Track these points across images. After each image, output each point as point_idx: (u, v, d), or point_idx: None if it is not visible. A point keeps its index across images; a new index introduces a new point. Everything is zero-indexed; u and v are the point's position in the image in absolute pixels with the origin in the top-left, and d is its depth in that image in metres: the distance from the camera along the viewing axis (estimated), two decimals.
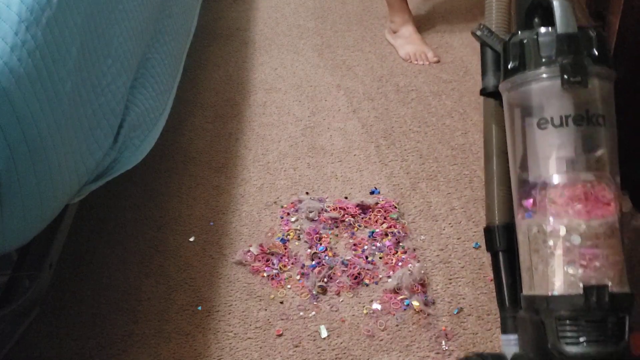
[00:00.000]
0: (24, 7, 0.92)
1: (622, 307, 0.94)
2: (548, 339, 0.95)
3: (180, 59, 1.58)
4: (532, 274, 1.00)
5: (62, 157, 0.97)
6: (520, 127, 1.02)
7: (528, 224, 1.00)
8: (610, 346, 0.93)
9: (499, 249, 1.10)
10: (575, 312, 0.94)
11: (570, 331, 0.94)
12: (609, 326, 0.94)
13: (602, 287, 0.94)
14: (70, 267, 1.36)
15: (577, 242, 0.97)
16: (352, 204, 1.47)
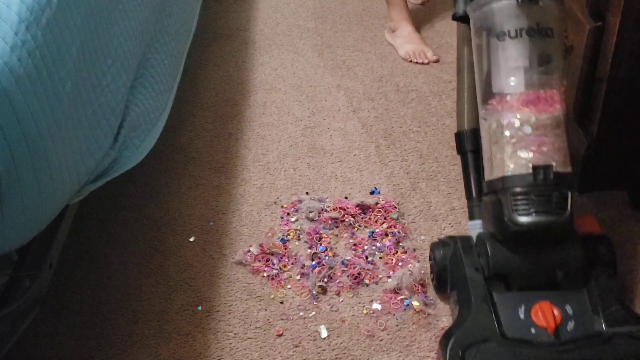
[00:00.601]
0: (24, 7, 0.92)
1: (565, 183, 1.13)
2: (505, 213, 1.13)
3: (180, 59, 1.58)
4: (492, 162, 1.19)
5: (62, 157, 0.97)
6: (485, 44, 1.20)
7: (489, 121, 1.20)
8: (555, 216, 1.11)
9: (467, 150, 1.31)
10: (526, 187, 1.12)
11: (522, 204, 1.12)
12: (554, 199, 1.12)
13: (548, 167, 1.12)
14: (70, 267, 1.36)
15: (528, 132, 1.15)
16: (352, 204, 1.47)
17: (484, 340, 1.06)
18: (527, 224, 1.11)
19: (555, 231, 1.12)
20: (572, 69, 1.46)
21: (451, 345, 1.07)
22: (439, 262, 1.23)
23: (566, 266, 1.13)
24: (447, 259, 1.22)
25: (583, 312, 1.10)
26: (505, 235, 1.14)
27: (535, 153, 1.14)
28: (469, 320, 1.10)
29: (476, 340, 1.06)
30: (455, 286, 1.19)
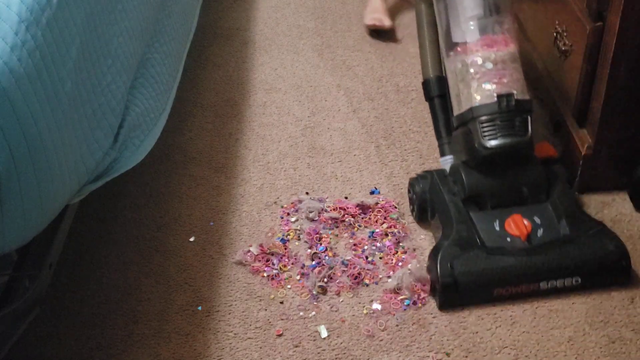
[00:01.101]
0: (24, 7, 0.92)
1: (524, 109, 1.31)
2: (474, 140, 1.31)
3: (180, 59, 1.57)
4: (459, 98, 1.36)
5: (62, 157, 0.97)
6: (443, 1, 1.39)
7: (454, 63, 1.37)
8: (518, 137, 1.30)
9: (434, 95, 1.48)
10: (492, 114, 1.30)
11: (489, 130, 1.30)
12: (517, 123, 1.30)
13: (510, 95, 1.30)
14: (70, 267, 1.36)
15: (490, 67, 1.33)
16: (352, 204, 1.47)
17: (468, 251, 1.25)
18: (495, 147, 1.29)
19: (520, 151, 1.32)
20: (572, 69, 1.46)
21: (440, 257, 1.25)
22: (420, 194, 1.38)
23: (531, 183, 1.32)
24: (427, 190, 1.37)
25: (549, 221, 1.29)
26: (477, 160, 1.32)
27: (498, 84, 1.32)
28: (452, 236, 1.28)
29: (461, 252, 1.25)
30: (437, 211, 1.35)
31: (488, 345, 1.20)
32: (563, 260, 1.25)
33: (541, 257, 1.24)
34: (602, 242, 1.27)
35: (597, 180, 1.48)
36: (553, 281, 1.25)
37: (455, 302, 1.25)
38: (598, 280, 1.27)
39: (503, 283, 1.24)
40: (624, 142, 1.44)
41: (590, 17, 1.38)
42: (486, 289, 1.24)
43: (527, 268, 1.24)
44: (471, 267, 1.23)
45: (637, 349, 1.19)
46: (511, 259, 1.24)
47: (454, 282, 1.23)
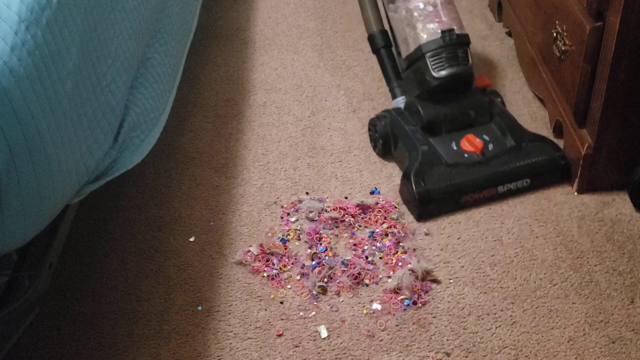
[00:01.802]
0: (24, 7, 0.92)
1: (464, 42, 1.55)
2: (425, 73, 1.53)
3: (180, 59, 1.57)
4: (407, 41, 1.57)
5: (62, 157, 0.97)
6: None
7: (399, 12, 1.58)
8: (462, 67, 1.54)
9: (380, 47, 1.67)
10: (439, 48, 1.52)
11: (437, 62, 1.52)
12: (459, 55, 1.53)
13: (451, 30, 1.53)
14: (70, 267, 1.36)
15: (430, 10, 1.54)
16: (352, 204, 1.47)
17: (435, 167, 1.45)
18: (444, 76, 1.52)
19: (464, 79, 1.55)
20: (572, 69, 1.47)
21: (413, 175, 1.44)
22: (382, 131, 1.57)
23: (476, 108, 1.55)
24: (388, 127, 1.56)
25: (496, 137, 1.52)
26: (429, 91, 1.54)
27: (440, 23, 1.53)
28: (419, 158, 1.47)
29: (429, 168, 1.45)
30: (400, 141, 1.54)
31: (488, 345, 1.20)
32: (514, 166, 1.47)
33: (496, 165, 1.46)
34: (544, 148, 1.51)
35: (597, 180, 1.48)
36: (508, 184, 1.47)
37: (430, 212, 1.43)
38: (543, 180, 1.50)
39: (468, 190, 1.44)
40: (624, 142, 1.44)
41: (590, 17, 1.38)
42: (455, 197, 1.44)
43: (485, 176, 1.45)
44: (440, 180, 1.43)
45: (637, 349, 1.19)
46: (472, 170, 1.45)
47: (428, 194, 1.42)
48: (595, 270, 1.33)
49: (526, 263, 1.35)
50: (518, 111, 1.74)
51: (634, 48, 1.32)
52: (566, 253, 1.37)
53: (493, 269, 1.34)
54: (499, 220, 1.44)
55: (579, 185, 1.49)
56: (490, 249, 1.38)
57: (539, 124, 1.69)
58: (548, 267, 1.34)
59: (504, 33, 2.03)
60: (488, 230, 1.42)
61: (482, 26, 2.08)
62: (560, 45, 1.51)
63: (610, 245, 1.38)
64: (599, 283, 1.31)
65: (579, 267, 1.34)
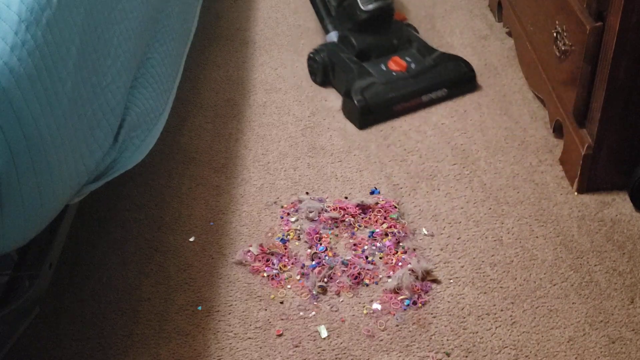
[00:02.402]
0: (24, 7, 0.92)
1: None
2: (355, 8, 1.83)
3: (180, 59, 1.57)
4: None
5: (62, 157, 0.97)
6: None
7: None
8: (385, 2, 1.84)
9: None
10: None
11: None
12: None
13: None
14: (70, 267, 1.36)
15: None
16: (352, 204, 1.47)
17: (370, 84, 1.73)
18: (371, 10, 1.83)
19: (387, 12, 1.86)
20: (572, 69, 1.46)
21: (354, 92, 1.71)
22: (322, 61, 1.82)
23: (398, 36, 1.87)
24: (326, 57, 1.82)
25: (417, 59, 1.81)
26: (359, 24, 1.85)
27: None
28: (356, 79, 1.74)
29: (365, 85, 1.72)
30: (338, 68, 1.80)
31: (488, 345, 1.20)
32: (434, 79, 1.77)
33: (419, 80, 1.76)
34: (456, 64, 1.82)
35: (597, 180, 1.48)
36: (430, 94, 1.76)
37: (369, 121, 1.70)
38: (457, 90, 1.80)
39: (398, 101, 1.73)
40: (624, 142, 1.44)
41: (590, 17, 1.38)
42: (388, 107, 1.72)
43: (412, 89, 1.75)
44: (376, 94, 1.71)
45: (637, 349, 1.19)
46: (400, 84, 1.74)
47: (367, 105, 1.69)
48: (595, 270, 1.33)
49: (526, 263, 1.35)
50: (518, 111, 1.74)
51: (634, 48, 1.32)
52: (566, 253, 1.37)
53: (493, 269, 1.34)
54: (499, 220, 1.44)
55: (579, 185, 1.49)
56: (490, 249, 1.38)
57: (539, 124, 1.69)
58: (548, 267, 1.34)
59: (504, 33, 2.03)
60: (488, 230, 1.42)
61: (482, 26, 2.08)
62: (560, 45, 1.51)
63: (610, 245, 1.38)
64: (599, 283, 1.31)
65: (579, 267, 1.34)
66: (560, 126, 1.57)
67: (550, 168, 1.57)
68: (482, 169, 1.57)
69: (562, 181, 1.53)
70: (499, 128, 1.69)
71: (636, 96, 1.38)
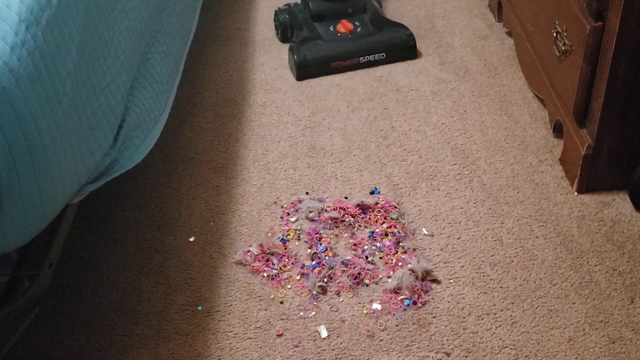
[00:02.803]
0: (24, 7, 0.92)
1: None
2: None
3: (180, 59, 1.57)
4: None
5: (62, 157, 0.97)
6: None
7: None
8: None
9: None
10: None
11: None
12: None
13: None
14: (70, 267, 1.36)
15: None
16: (352, 204, 1.47)
17: (312, 42, 1.90)
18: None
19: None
20: (572, 69, 1.46)
21: (295, 47, 1.88)
22: (282, 20, 2.02)
23: (353, 4, 2.01)
24: (287, 17, 2.01)
25: (365, 24, 1.97)
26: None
27: None
28: (302, 34, 1.92)
29: (308, 42, 1.89)
30: (293, 27, 1.99)
31: (488, 345, 1.20)
32: (373, 42, 1.91)
33: (359, 42, 1.91)
34: (398, 31, 1.94)
35: (597, 180, 1.48)
36: (367, 56, 1.91)
37: (307, 74, 1.88)
38: (395, 56, 1.93)
39: (335, 59, 1.88)
40: (624, 142, 1.44)
41: (590, 17, 1.38)
42: (326, 63, 1.88)
43: (350, 49, 1.90)
44: (315, 50, 1.88)
45: (637, 349, 1.19)
46: (340, 44, 1.90)
47: (305, 60, 1.86)
48: (595, 270, 1.33)
49: (526, 263, 1.35)
50: (518, 111, 1.74)
51: (634, 48, 1.32)
52: (566, 253, 1.37)
53: (493, 269, 1.34)
54: (499, 220, 1.44)
55: (579, 185, 1.49)
56: (490, 249, 1.38)
57: (539, 124, 1.69)
58: (548, 267, 1.34)
59: (504, 33, 2.03)
60: (488, 230, 1.42)
61: (482, 26, 2.08)
62: (560, 45, 1.51)
63: (610, 245, 1.38)
64: (599, 283, 1.31)
65: (579, 267, 1.34)
66: (560, 126, 1.57)
67: (550, 168, 1.57)
68: (482, 169, 1.57)
69: (562, 181, 1.53)
70: (499, 128, 1.69)
71: (636, 96, 1.38)
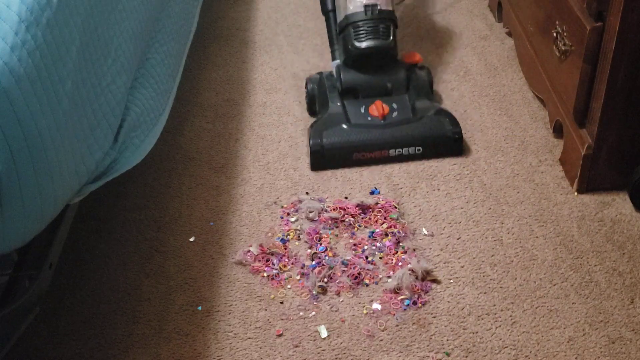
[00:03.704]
0: (24, 7, 0.92)
1: (387, 18, 1.65)
2: (349, 42, 1.65)
3: (180, 59, 1.58)
4: (340, 10, 1.70)
5: (62, 157, 0.97)
6: None
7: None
8: (381, 41, 1.64)
9: (329, 10, 1.77)
10: (361, 21, 1.64)
11: (359, 33, 1.64)
12: (380, 29, 1.63)
13: (375, 5, 1.64)
14: (70, 267, 1.36)
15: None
16: (352, 204, 1.47)
17: (336, 125, 1.60)
18: (363, 48, 1.63)
19: (383, 53, 1.65)
20: (572, 69, 1.46)
21: (312, 130, 1.60)
22: (310, 91, 1.72)
23: (393, 79, 1.67)
24: (315, 87, 1.71)
25: (403, 107, 1.63)
26: (351, 59, 1.67)
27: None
28: (325, 115, 1.63)
29: (330, 126, 1.60)
30: (320, 102, 1.69)
31: (488, 345, 1.20)
32: (408, 133, 1.58)
33: (391, 130, 1.59)
34: (440, 120, 1.61)
35: (597, 180, 1.48)
36: (400, 149, 1.58)
37: (322, 165, 1.58)
38: (435, 150, 1.60)
39: (360, 149, 1.57)
40: (624, 142, 1.44)
41: (590, 17, 1.38)
42: (347, 153, 1.57)
43: (379, 138, 1.58)
44: (336, 136, 1.58)
45: (637, 349, 1.19)
46: (368, 130, 1.58)
47: (322, 149, 1.56)
48: (595, 270, 1.33)
49: (526, 263, 1.35)
50: (518, 111, 1.74)
51: (634, 48, 1.32)
52: (566, 253, 1.37)
53: (493, 269, 1.34)
54: (499, 220, 1.44)
55: (579, 185, 1.49)
56: (490, 249, 1.38)
57: (539, 124, 1.69)
58: (548, 267, 1.34)
59: (504, 33, 2.03)
60: (488, 230, 1.42)
61: (482, 26, 2.08)
62: (560, 45, 1.51)
63: (610, 245, 1.38)
64: (599, 283, 1.31)
65: (579, 267, 1.34)
66: (560, 126, 1.57)
67: (550, 168, 1.57)
68: (482, 169, 1.57)
69: (562, 181, 1.53)
70: (499, 128, 1.69)
71: (636, 96, 1.38)
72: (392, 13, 1.66)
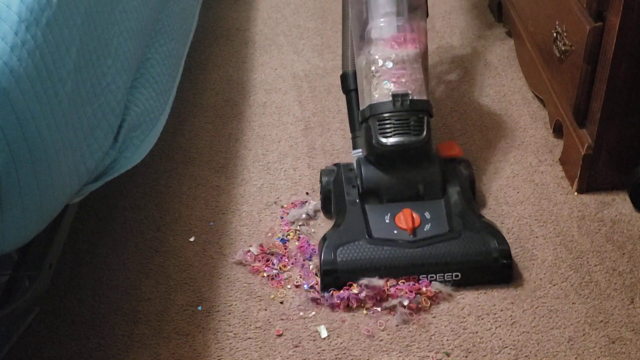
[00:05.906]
0: (24, 7, 0.92)
1: (421, 109, 1.34)
2: (372, 136, 1.34)
3: (180, 59, 1.58)
4: (363, 95, 1.40)
5: (62, 157, 0.97)
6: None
7: (361, 60, 1.40)
8: (413, 137, 1.32)
9: (351, 89, 1.50)
10: (388, 113, 1.33)
11: (384, 127, 1.33)
12: (411, 123, 1.32)
13: (405, 95, 1.33)
14: (70, 267, 1.36)
15: (390, 66, 1.35)
16: None
17: (354, 240, 1.27)
18: (390, 145, 1.32)
19: (414, 150, 1.33)
20: (572, 69, 1.47)
21: (325, 245, 1.28)
22: (324, 186, 1.41)
23: (427, 181, 1.35)
24: (331, 182, 1.41)
25: (438, 217, 1.31)
26: (374, 156, 1.36)
27: (395, 84, 1.34)
28: (342, 226, 1.31)
29: (347, 241, 1.28)
30: (335, 202, 1.38)
31: (488, 345, 1.20)
32: (443, 255, 1.26)
33: (422, 253, 1.26)
34: (484, 239, 1.28)
35: (597, 180, 1.48)
36: (432, 275, 1.26)
37: (336, 286, 1.27)
38: (478, 277, 1.28)
39: (382, 274, 1.25)
40: (624, 142, 1.44)
41: (590, 17, 1.38)
42: (365, 277, 1.25)
43: (407, 262, 1.26)
44: (353, 255, 1.26)
45: (637, 349, 1.19)
46: (393, 250, 1.26)
47: (335, 270, 1.26)
48: (595, 270, 1.33)
49: (526, 263, 1.35)
50: (518, 111, 1.74)
51: (634, 48, 1.32)
52: (566, 253, 1.37)
53: None
54: (499, 220, 1.44)
55: (579, 185, 1.49)
56: None
57: (538, 124, 1.69)
58: (548, 267, 1.34)
59: (504, 33, 2.03)
60: None
61: (482, 26, 2.08)
62: (560, 45, 1.51)
63: (610, 245, 1.38)
64: (599, 283, 1.31)
65: (579, 267, 1.34)
66: (560, 126, 1.57)
67: (550, 168, 1.57)
68: (482, 169, 1.57)
69: (562, 181, 1.53)
70: (499, 128, 1.69)
71: (636, 96, 1.38)
72: (427, 103, 1.36)
